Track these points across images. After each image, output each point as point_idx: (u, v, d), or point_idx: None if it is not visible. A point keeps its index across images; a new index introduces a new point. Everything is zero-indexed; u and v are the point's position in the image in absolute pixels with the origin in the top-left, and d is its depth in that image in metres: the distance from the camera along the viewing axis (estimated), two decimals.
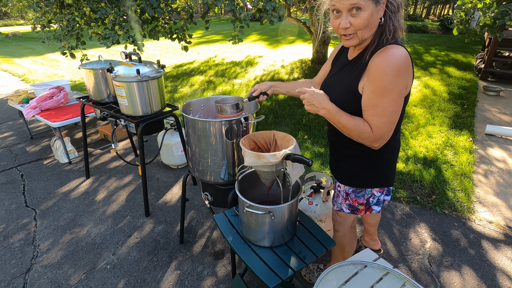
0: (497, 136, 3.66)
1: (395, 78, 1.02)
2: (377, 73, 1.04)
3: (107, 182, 2.92)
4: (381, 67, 1.03)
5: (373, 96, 1.06)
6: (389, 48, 1.04)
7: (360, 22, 1.03)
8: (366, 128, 1.09)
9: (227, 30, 15.94)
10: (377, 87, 1.05)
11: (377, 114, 1.07)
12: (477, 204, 2.51)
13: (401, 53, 1.03)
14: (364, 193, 1.37)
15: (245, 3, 3.40)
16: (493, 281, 1.84)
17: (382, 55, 1.04)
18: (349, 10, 1.03)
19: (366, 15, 1.02)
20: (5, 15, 25.08)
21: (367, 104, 1.09)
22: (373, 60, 1.06)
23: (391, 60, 1.02)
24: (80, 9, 3.29)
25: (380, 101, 1.05)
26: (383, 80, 1.03)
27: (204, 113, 1.80)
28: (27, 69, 7.96)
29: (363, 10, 1.01)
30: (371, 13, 1.02)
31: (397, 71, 1.02)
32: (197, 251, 2.10)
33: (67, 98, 3.51)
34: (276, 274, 1.16)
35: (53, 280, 1.91)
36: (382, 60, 1.03)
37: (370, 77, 1.07)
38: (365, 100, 1.10)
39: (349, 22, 1.04)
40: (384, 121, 1.07)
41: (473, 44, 9.80)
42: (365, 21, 1.03)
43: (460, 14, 3.82)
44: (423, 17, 25.40)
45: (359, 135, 1.11)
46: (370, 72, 1.07)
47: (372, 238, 1.99)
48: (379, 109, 1.06)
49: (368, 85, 1.08)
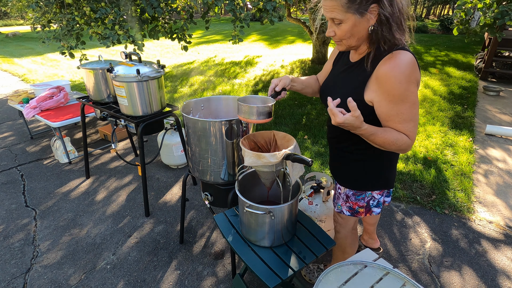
0: (497, 136, 3.66)
1: (408, 84, 1.02)
2: (391, 83, 1.02)
3: (107, 182, 2.92)
4: (393, 76, 1.02)
5: (393, 106, 1.05)
6: (396, 54, 1.02)
7: (341, 33, 1.06)
8: (404, 138, 1.07)
9: (227, 30, 15.94)
10: (394, 97, 1.04)
11: (405, 121, 1.06)
12: (477, 204, 2.51)
13: (408, 58, 1.02)
14: (364, 196, 1.36)
15: (245, 3, 3.40)
16: (493, 281, 1.84)
17: (390, 63, 1.02)
18: (332, 20, 1.05)
19: (346, 27, 1.04)
20: (5, 15, 25.08)
21: (390, 114, 1.07)
22: (381, 68, 1.04)
23: (401, 67, 1.01)
24: (80, 9, 3.29)
25: (402, 108, 1.05)
26: (399, 89, 1.02)
27: (204, 113, 1.80)
28: (27, 69, 7.96)
29: (343, 23, 1.03)
30: (352, 24, 1.03)
31: (409, 76, 1.02)
32: (197, 251, 2.10)
33: (67, 98, 3.51)
34: (276, 274, 1.16)
35: (53, 280, 1.91)
36: (392, 69, 1.02)
37: (383, 87, 1.05)
38: (385, 111, 1.08)
39: (333, 31, 1.08)
40: (413, 125, 1.08)
41: (473, 44, 9.80)
42: (345, 32, 1.05)
43: (460, 14, 3.82)
44: (423, 17, 25.40)
45: (399, 146, 1.08)
46: (381, 82, 1.05)
47: (371, 237, 1.99)
48: (404, 116, 1.06)
49: (383, 96, 1.06)
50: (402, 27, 1.04)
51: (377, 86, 1.07)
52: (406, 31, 1.07)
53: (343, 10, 1.00)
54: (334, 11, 1.01)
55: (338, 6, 0.99)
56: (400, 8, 1.01)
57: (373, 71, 1.07)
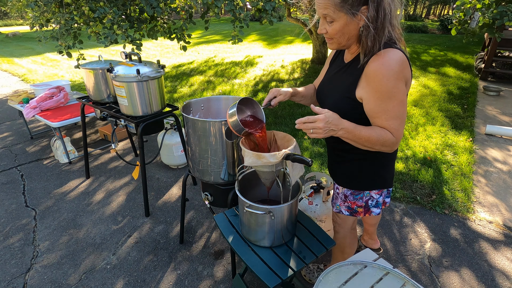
0: (497, 136, 3.66)
1: (396, 81, 1.03)
2: (379, 80, 1.04)
3: (107, 182, 2.92)
4: (381, 73, 1.03)
5: (380, 103, 1.06)
6: (385, 52, 1.04)
7: (332, 31, 1.07)
8: (388, 135, 1.08)
9: (226, 30, 15.94)
10: (382, 93, 1.05)
11: (391, 118, 1.07)
12: (477, 204, 2.51)
13: (396, 55, 1.03)
14: (363, 196, 1.36)
15: (245, 3, 3.40)
16: (493, 281, 1.84)
17: (379, 60, 1.04)
18: (324, 18, 1.07)
19: (337, 26, 1.05)
20: (5, 15, 25.08)
21: (376, 111, 1.08)
22: (370, 65, 1.06)
23: (390, 64, 1.02)
24: (79, 8, 3.29)
25: (389, 105, 1.06)
26: (387, 85, 1.03)
27: (204, 113, 1.80)
28: (27, 69, 7.96)
29: (334, 21, 1.05)
30: (344, 24, 1.04)
31: (398, 74, 1.03)
32: (197, 251, 2.10)
33: (67, 98, 3.51)
34: (276, 274, 1.16)
35: (53, 280, 1.91)
36: (381, 66, 1.03)
37: (372, 84, 1.06)
38: (372, 108, 1.09)
39: (325, 28, 1.09)
40: (399, 123, 1.09)
41: (473, 44, 9.81)
42: (336, 31, 1.06)
43: (459, 15, 3.82)
44: (423, 17, 25.41)
45: (383, 144, 1.09)
46: (369, 79, 1.07)
47: (371, 238, 1.99)
48: (391, 113, 1.07)
49: (371, 93, 1.07)
50: (390, 28, 1.05)
51: (366, 83, 1.08)
52: (396, 31, 1.08)
53: (336, 8, 1.01)
54: (327, 8, 1.03)
55: (331, 4, 1.01)
56: (388, 12, 1.02)
57: (363, 69, 1.09)
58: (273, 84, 5.81)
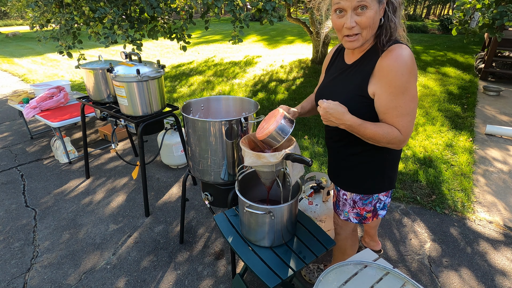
0: (497, 136, 3.66)
1: (410, 76, 1.03)
2: (393, 74, 1.02)
3: (107, 182, 2.92)
4: (395, 67, 1.02)
5: (392, 98, 1.05)
6: (396, 48, 1.03)
7: (366, 20, 1.01)
8: (395, 132, 1.06)
9: (226, 30, 15.94)
10: (395, 88, 1.03)
11: (401, 115, 1.06)
12: (477, 204, 2.51)
13: (408, 52, 1.03)
14: (371, 200, 1.33)
15: (245, 3, 3.40)
16: (493, 281, 1.84)
17: (392, 56, 1.03)
18: (354, 9, 1.00)
19: (371, 13, 1.00)
20: (5, 15, 25.08)
21: (387, 107, 1.07)
22: (383, 60, 1.05)
23: (403, 59, 1.01)
24: (79, 9, 3.29)
25: (401, 101, 1.04)
26: (400, 80, 1.02)
27: (204, 113, 1.80)
28: (27, 69, 7.96)
29: (368, 8, 0.99)
30: (375, 12, 1.01)
31: (411, 69, 1.02)
32: (197, 251, 2.10)
33: (67, 98, 3.51)
34: (276, 274, 1.16)
35: (53, 280, 1.91)
36: (395, 61, 1.02)
37: (384, 79, 1.05)
38: (384, 104, 1.07)
39: (355, 21, 1.02)
40: (409, 119, 1.07)
41: (473, 44, 9.81)
42: (370, 19, 1.01)
43: (459, 15, 3.82)
44: (423, 17, 25.41)
45: (389, 141, 1.07)
46: (382, 74, 1.05)
47: (373, 239, 1.99)
48: (402, 109, 1.05)
49: (384, 88, 1.05)
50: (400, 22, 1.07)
51: (379, 78, 1.07)
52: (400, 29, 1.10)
53: None
54: None
55: None
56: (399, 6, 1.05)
57: (374, 65, 1.08)
58: (273, 84, 5.82)
